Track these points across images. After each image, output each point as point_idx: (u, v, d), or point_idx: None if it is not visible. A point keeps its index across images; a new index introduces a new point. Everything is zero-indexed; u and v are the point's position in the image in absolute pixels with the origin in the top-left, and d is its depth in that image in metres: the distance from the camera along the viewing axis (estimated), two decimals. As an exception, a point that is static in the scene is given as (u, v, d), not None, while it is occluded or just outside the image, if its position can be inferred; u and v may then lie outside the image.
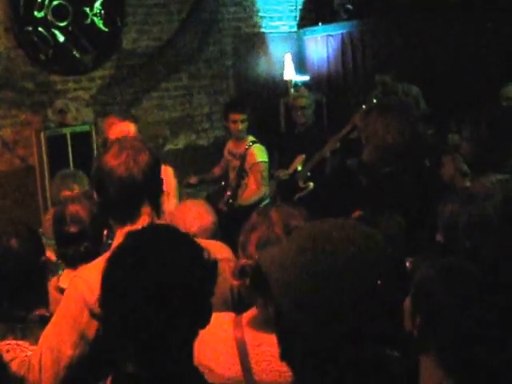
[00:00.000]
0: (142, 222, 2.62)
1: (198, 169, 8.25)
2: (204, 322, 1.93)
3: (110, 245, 3.37)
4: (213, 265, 1.96)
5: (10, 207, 7.66)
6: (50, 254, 3.58)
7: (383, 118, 3.72)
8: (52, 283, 3.33)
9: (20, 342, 2.76)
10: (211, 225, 3.59)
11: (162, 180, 2.78)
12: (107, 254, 2.63)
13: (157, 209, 2.75)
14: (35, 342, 2.72)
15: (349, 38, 9.00)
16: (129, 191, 2.63)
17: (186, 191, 7.47)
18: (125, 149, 2.65)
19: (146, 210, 2.68)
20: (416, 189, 3.68)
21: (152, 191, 2.71)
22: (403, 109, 3.91)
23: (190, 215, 3.56)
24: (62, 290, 3.05)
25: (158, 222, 2.69)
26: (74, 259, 3.30)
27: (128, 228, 2.61)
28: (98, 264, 2.32)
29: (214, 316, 2.20)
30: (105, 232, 3.33)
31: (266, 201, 6.94)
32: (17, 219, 4.11)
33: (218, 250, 2.75)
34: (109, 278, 1.87)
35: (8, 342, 2.76)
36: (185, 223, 3.44)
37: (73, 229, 3.31)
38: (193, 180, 7.52)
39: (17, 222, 3.25)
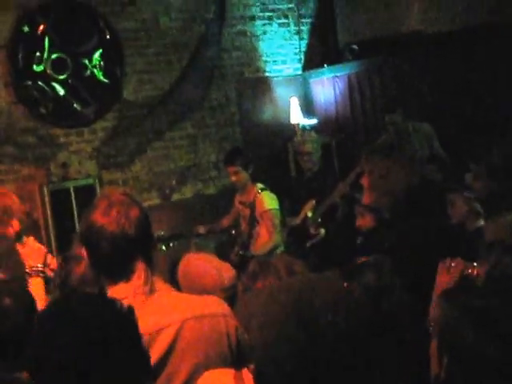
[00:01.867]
0: (138, 278, 2.57)
1: (206, 218, 8.10)
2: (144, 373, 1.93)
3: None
4: (127, 313, 1.95)
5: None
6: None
7: (386, 162, 3.61)
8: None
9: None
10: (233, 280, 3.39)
11: (153, 234, 2.73)
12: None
13: (151, 264, 2.65)
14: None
15: (356, 79, 8.84)
16: (122, 247, 2.55)
17: (194, 241, 7.33)
18: (114, 205, 2.58)
19: (139, 265, 2.59)
20: (421, 236, 3.49)
21: (145, 246, 2.63)
22: (408, 151, 3.79)
23: (212, 272, 3.38)
24: None
25: (153, 278, 2.63)
26: None
27: (122, 285, 2.56)
28: None
29: (214, 373, 2.21)
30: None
31: (280, 249, 6.78)
32: (11, 277, 3.93)
33: (216, 305, 2.69)
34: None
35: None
36: (213, 280, 3.32)
37: None
38: (201, 230, 7.44)
39: (10, 280, 3.29)
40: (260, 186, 6.89)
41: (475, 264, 3.06)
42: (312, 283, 1.60)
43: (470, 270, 3.06)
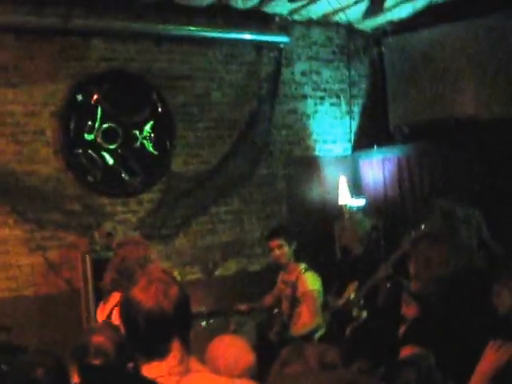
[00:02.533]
0: (173, 357, 2.54)
1: (248, 295, 7.98)
2: None
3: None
4: None
5: (53, 331, 7.42)
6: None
7: (431, 249, 3.53)
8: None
9: None
10: (251, 366, 3.44)
11: (191, 314, 2.70)
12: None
13: (187, 344, 2.61)
14: None
15: (405, 161, 8.78)
16: (158, 325, 2.53)
17: (234, 319, 7.22)
18: (153, 282, 2.57)
19: (176, 345, 2.55)
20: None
21: (182, 326, 2.60)
22: (454, 238, 3.70)
23: (232, 356, 3.43)
24: None
25: (188, 358, 2.59)
26: None
27: (156, 364, 2.52)
28: None
29: None
30: (130, 365, 3.10)
31: (321, 331, 6.64)
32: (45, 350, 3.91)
33: None
34: None
35: None
36: (225, 365, 3.36)
37: (96, 361, 3.12)
38: (243, 307, 7.34)
39: (44, 352, 3.21)
40: (304, 265, 6.83)
41: None
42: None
43: None
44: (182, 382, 2.50)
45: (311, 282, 6.69)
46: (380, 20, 9.28)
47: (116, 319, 4.18)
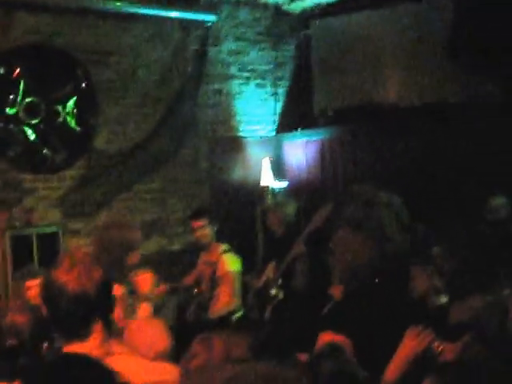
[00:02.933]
0: (94, 339, 2.60)
1: (169, 275, 7.98)
2: None
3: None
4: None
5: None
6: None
7: (350, 237, 3.63)
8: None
9: None
10: (167, 349, 3.44)
11: (113, 297, 2.76)
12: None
13: (109, 326, 2.69)
14: None
15: (328, 145, 8.88)
16: (81, 308, 2.58)
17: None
18: (77, 264, 2.61)
19: (97, 327, 2.62)
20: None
21: (105, 308, 2.66)
22: (374, 226, 3.78)
23: (147, 340, 3.41)
24: None
25: (109, 340, 2.68)
26: (11, 375, 3.08)
27: (76, 345, 2.56)
28: None
29: None
30: (45, 345, 3.12)
31: (239, 313, 6.71)
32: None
33: (169, 372, 2.75)
34: None
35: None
36: (141, 348, 3.30)
37: (11, 340, 3.12)
38: (163, 288, 7.31)
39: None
40: (224, 247, 6.89)
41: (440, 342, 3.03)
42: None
43: (436, 344, 3.03)
44: None
45: (231, 263, 6.76)
46: (308, 3, 9.34)
47: (35, 299, 4.17)
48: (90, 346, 2.56)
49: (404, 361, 3.05)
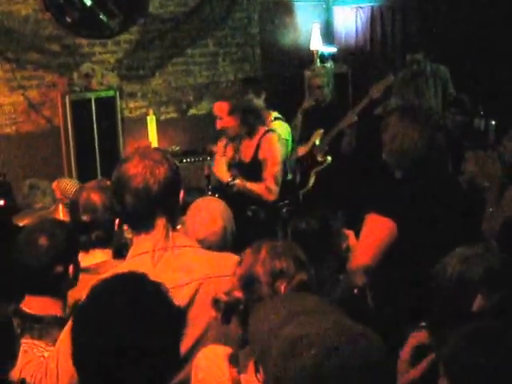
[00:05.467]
0: (157, 232, 2.69)
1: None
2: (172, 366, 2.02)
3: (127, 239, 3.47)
4: (179, 313, 2.04)
5: (37, 165, 7.70)
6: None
7: (403, 123, 3.72)
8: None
9: (36, 342, 2.83)
10: (220, 230, 3.54)
11: (179, 192, 2.79)
12: (125, 264, 2.71)
13: (172, 220, 2.76)
14: (52, 342, 2.79)
15: (379, 12, 8.88)
16: (143, 202, 2.66)
17: (208, 162, 7.48)
18: (144, 159, 2.68)
19: (160, 221, 2.70)
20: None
21: (167, 203, 2.72)
22: (424, 115, 3.87)
23: (198, 220, 3.54)
24: None
25: (174, 234, 2.74)
26: (85, 245, 3.39)
27: (143, 236, 2.70)
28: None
29: (209, 350, 2.34)
30: (117, 221, 3.37)
31: (288, 177, 6.89)
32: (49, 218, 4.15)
33: (231, 266, 2.66)
34: (75, 343, 1.92)
35: (25, 340, 2.82)
36: (193, 228, 3.48)
37: (85, 217, 3.38)
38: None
39: (50, 220, 3.38)
40: (275, 114, 6.85)
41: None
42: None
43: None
44: (169, 257, 2.64)
45: (281, 130, 6.63)
46: None
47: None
48: (154, 238, 2.66)
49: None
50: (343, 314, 1.84)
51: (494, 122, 6.59)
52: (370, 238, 3.53)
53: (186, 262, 2.70)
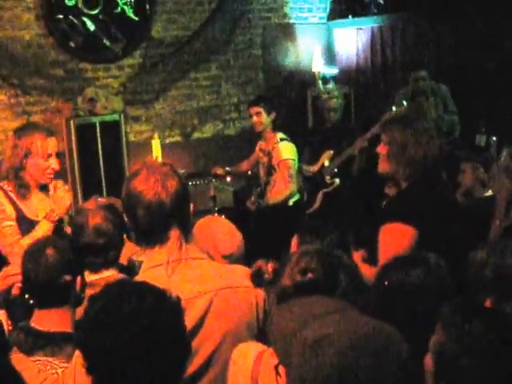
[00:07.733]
0: (171, 244, 2.71)
1: (224, 158, 8.34)
2: (183, 356, 2.06)
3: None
4: (175, 305, 2.07)
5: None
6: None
7: (405, 133, 3.74)
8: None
9: (50, 359, 2.82)
10: (241, 243, 3.49)
11: (189, 204, 2.81)
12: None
13: (185, 232, 2.79)
14: (65, 359, 2.77)
15: (379, 33, 8.93)
16: (157, 215, 2.68)
17: (214, 183, 7.51)
18: (153, 174, 2.70)
19: (174, 233, 2.72)
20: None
21: (180, 215, 2.74)
22: (423, 124, 3.89)
23: (221, 237, 3.43)
24: None
25: (187, 246, 2.76)
26: (97, 266, 3.45)
27: (157, 249, 2.72)
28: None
29: (244, 346, 2.39)
30: (124, 236, 3.45)
31: (295, 197, 6.94)
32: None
33: (243, 277, 2.83)
34: (81, 343, 2.03)
35: (38, 357, 2.81)
36: (214, 245, 3.36)
37: (100, 241, 3.41)
38: (220, 171, 7.57)
39: (54, 235, 3.53)
40: (281, 135, 6.91)
41: None
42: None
43: None
44: (183, 269, 2.67)
45: (286, 151, 6.79)
46: None
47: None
48: (168, 251, 2.68)
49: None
50: (361, 314, 1.85)
51: (495, 138, 6.59)
52: (393, 246, 3.51)
53: (200, 274, 2.72)
